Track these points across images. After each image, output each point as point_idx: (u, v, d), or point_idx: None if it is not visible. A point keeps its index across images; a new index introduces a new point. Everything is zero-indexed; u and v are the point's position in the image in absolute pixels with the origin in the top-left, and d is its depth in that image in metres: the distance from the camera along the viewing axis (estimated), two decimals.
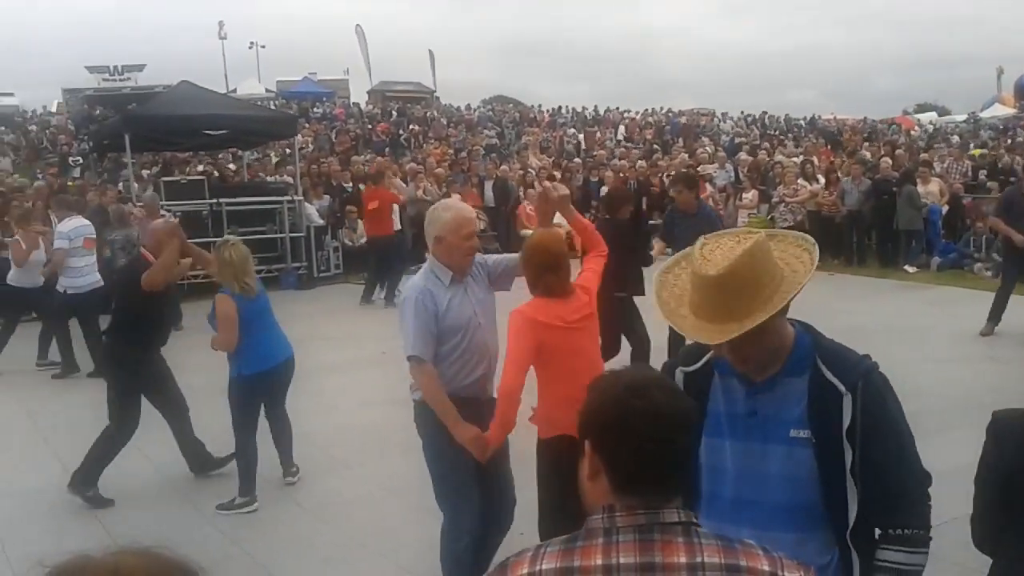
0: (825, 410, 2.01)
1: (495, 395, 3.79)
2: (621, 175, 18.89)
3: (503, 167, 20.39)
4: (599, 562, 1.46)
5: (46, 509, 5.73)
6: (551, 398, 3.83)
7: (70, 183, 18.32)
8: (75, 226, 9.48)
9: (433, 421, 3.78)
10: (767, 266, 1.95)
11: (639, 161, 21.56)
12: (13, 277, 9.82)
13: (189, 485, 6.12)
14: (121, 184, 16.58)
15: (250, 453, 5.62)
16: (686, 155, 22.24)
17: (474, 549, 3.90)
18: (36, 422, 7.90)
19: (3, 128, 31.55)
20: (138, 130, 14.39)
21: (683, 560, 1.45)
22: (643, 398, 1.52)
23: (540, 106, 41.57)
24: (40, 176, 21.58)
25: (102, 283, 9.42)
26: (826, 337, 2.13)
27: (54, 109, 37.39)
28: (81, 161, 23.40)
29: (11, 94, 39.26)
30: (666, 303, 2.09)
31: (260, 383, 5.59)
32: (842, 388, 2.01)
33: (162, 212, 11.74)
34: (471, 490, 3.86)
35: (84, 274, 9.37)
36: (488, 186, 18.35)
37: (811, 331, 2.13)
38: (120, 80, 38.52)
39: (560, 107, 40.54)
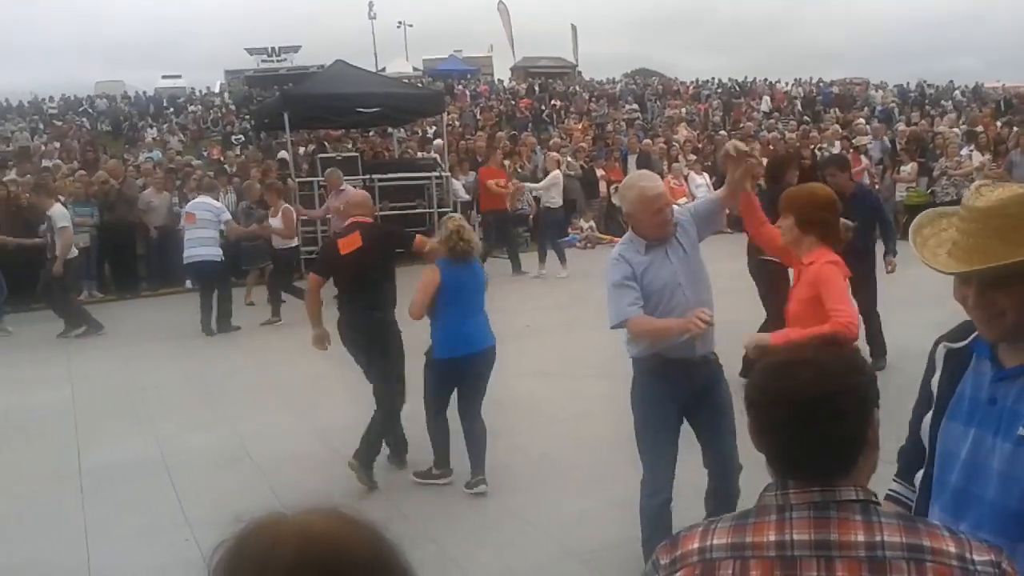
0: None
1: (704, 353, 3.88)
2: (770, 147, 18.45)
3: (646, 141, 20.25)
4: (772, 538, 1.42)
5: (220, 471, 6.04)
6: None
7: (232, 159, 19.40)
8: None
9: (639, 378, 3.91)
10: None
11: (789, 133, 20.96)
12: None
13: (345, 444, 6.40)
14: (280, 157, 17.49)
15: (432, 431, 5.57)
16: (839, 126, 21.45)
17: (666, 509, 3.92)
18: (206, 384, 8.50)
19: (171, 109, 33.61)
20: (296, 108, 15.09)
21: (861, 538, 1.39)
22: (783, 379, 1.46)
23: (678, 78, 40.81)
24: (204, 154, 22.98)
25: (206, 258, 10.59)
26: None
27: (217, 90, 39.46)
28: (243, 139, 24.69)
29: (178, 76, 41.87)
30: (924, 240, 1.88)
31: (452, 369, 5.41)
32: None
33: (343, 185, 12.29)
34: (666, 449, 3.91)
35: (188, 247, 10.64)
36: (631, 160, 18.28)
37: None
38: (277, 61, 40.32)
39: (704, 79, 39.74)
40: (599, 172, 17.96)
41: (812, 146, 18.30)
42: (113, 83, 39.39)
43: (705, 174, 17.45)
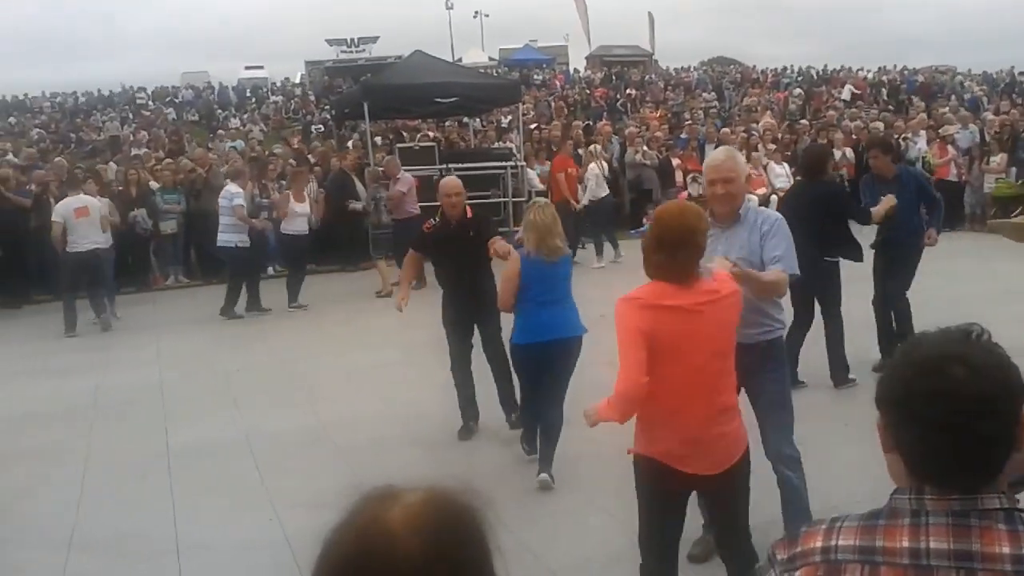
0: None
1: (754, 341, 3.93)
2: (853, 136, 18.02)
3: (724, 130, 19.96)
4: (905, 544, 1.33)
5: (300, 452, 6.23)
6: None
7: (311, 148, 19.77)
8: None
9: None
10: None
11: (873, 122, 20.41)
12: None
13: (423, 428, 6.51)
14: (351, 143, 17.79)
15: (526, 417, 5.84)
16: (925, 115, 20.81)
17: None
18: (287, 368, 8.70)
19: (254, 99, 34.37)
20: (376, 99, 15.30)
21: (1007, 550, 1.27)
22: (933, 376, 1.34)
23: (756, 66, 40.04)
24: (284, 143, 23.43)
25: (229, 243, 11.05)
26: None
27: (297, 80, 40.22)
28: (322, 129, 25.11)
29: (260, 67, 42.74)
30: None
31: (527, 355, 5.46)
32: None
33: (400, 173, 12.54)
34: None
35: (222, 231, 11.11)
36: (709, 150, 18.02)
37: None
38: (356, 52, 40.84)
39: (784, 66, 38.91)
40: (675, 161, 17.77)
41: (897, 136, 17.81)
42: (198, 74, 40.46)
43: (785, 164, 17.10)
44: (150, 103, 34.29)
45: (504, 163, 16.22)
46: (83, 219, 10.61)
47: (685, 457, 3.24)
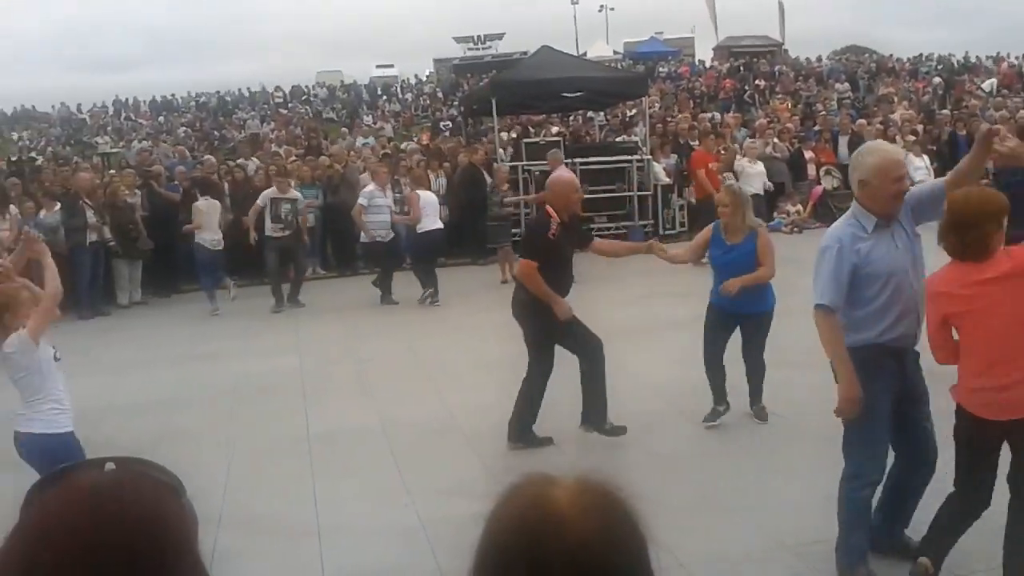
0: None
1: (915, 344, 3.83)
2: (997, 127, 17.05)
3: (860, 121, 19.25)
4: None
5: (432, 441, 6.36)
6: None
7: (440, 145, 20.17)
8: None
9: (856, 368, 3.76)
10: None
11: (1019, 111, 19.28)
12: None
13: (551, 421, 6.37)
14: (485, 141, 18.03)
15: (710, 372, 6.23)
16: None
17: (870, 502, 3.90)
18: (418, 357, 8.95)
19: (384, 97, 35.30)
20: (504, 95, 15.50)
21: None
22: None
23: (893, 55, 38.34)
24: (415, 140, 23.98)
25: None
26: None
27: (425, 78, 41.06)
28: (450, 125, 25.58)
29: (391, 66, 43.86)
30: None
31: (720, 314, 6.12)
32: None
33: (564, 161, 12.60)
34: (883, 439, 3.83)
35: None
36: (843, 142, 17.44)
37: None
38: (482, 48, 41.43)
39: (921, 54, 37.14)
40: (807, 154, 17.27)
41: None
42: (332, 72, 41.86)
43: (925, 156, 16.35)
44: (287, 102, 35.68)
45: (630, 157, 16.14)
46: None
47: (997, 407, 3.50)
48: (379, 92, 36.59)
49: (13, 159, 25.63)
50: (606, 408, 5.93)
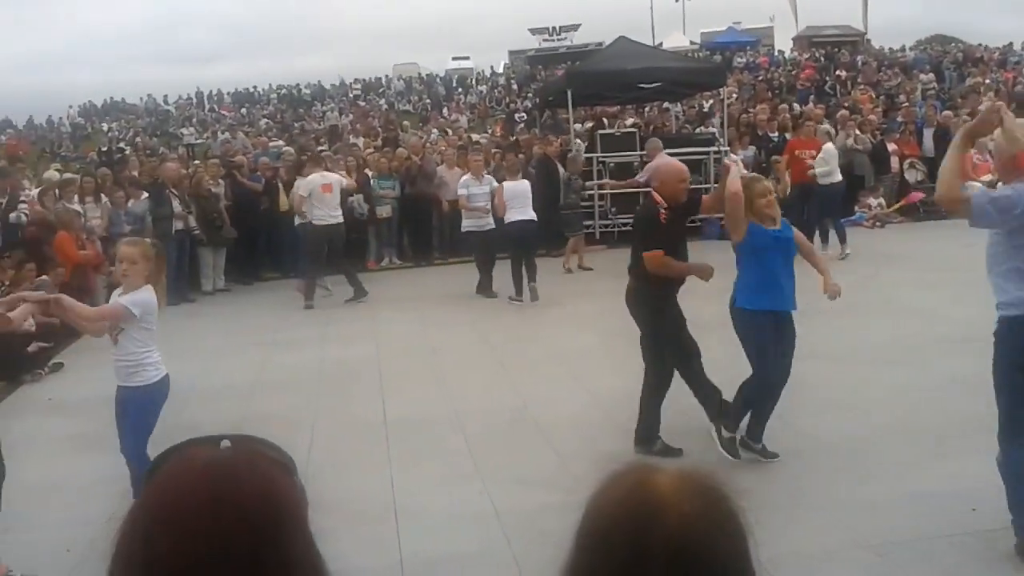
0: None
1: None
2: None
3: (946, 113, 18.67)
4: None
5: (505, 430, 6.43)
6: None
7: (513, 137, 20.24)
8: None
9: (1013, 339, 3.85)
10: None
11: None
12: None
13: (625, 416, 6.42)
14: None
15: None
16: None
17: None
18: (491, 347, 9.03)
19: (460, 89, 35.54)
20: (579, 86, 15.46)
21: None
22: None
23: (981, 44, 36.96)
24: (489, 132, 24.11)
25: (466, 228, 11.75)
26: None
27: (500, 70, 41.18)
28: (525, 117, 25.62)
29: (467, 58, 44.12)
30: None
31: (747, 318, 5.46)
32: None
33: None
34: None
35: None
36: (927, 134, 16.96)
37: None
38: (558, 40, 41.38)
39: (1011, 43, 35.72)
40: (890, 146, 16.83)
41: None
42: (408, 65, 42.29)
43: None
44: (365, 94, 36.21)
45: (707, 148, 15.94)
46: (328, 195, 11.54)
47: None
48: (455, 84, 36.84)
49: (103, 149, 26.60)
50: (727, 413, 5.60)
